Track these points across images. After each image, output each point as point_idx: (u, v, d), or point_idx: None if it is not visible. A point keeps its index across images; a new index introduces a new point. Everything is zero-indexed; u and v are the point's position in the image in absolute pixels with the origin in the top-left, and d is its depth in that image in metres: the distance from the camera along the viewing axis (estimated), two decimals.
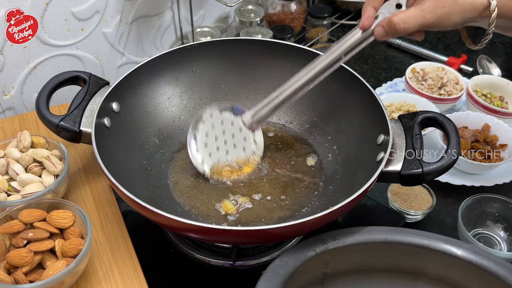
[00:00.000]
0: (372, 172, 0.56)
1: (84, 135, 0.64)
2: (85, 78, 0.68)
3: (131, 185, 0.59)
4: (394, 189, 0.78)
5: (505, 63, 1.14)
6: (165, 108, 0.76)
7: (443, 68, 1.01)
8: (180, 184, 0.70)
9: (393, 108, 0.92)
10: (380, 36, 0.57)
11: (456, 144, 0.60)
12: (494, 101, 0.96)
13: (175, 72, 0.76)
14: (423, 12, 0.54)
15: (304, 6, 1.13)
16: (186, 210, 0.66)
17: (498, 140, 0.86)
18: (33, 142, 0.67)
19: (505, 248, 0.74)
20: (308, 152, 0.75)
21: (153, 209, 0.51)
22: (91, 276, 0.59)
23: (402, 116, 0.64)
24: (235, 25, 1.04)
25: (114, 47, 0.93)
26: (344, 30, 1.25)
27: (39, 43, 0.82)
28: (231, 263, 0.64)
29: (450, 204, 0.80)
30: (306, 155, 0.74)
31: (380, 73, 1.12)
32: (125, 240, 0.64)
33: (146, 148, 0.71)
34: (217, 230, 0.51)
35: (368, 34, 0.59)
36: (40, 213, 0.58)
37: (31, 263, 0.54)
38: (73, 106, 0.65)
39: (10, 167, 0.64)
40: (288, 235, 0.61)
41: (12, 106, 0.85)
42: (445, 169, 0.58)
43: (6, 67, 0.80)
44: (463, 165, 0.82)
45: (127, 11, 0.91)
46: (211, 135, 0.69)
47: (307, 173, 0.72)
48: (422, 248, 0.57)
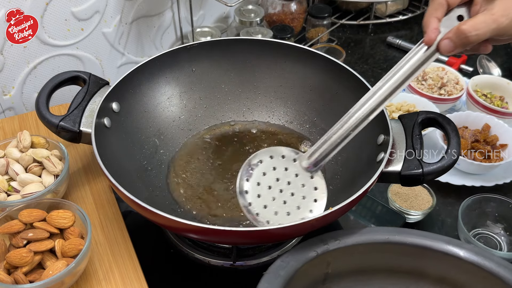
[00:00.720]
0: (372, 173, 0.56)
1: (84, 135, 0.64)
2: (85, 78, 0.68)
3: (131, 185, 0.59)
4: (394, 189, 0.78)
5: (505, 63, 1.14)
6: (165, 108, 0.76)
7: (443, 68, 1.01)
8: (180, 184, 0.70)
9: (393, 108, 0.92)
10: (448, 50, 0.51)
11: (456, 144, 0.59)
12: (494, 101, 0.96)
13: (175, 72, 0.76)
14: (494, 16, 0.49)
15: (304, 6, 1.13)
16: (186, 210, 0.66)
17: (498, 140, 0.86)
18: (33, 142, 0.67)
19: (505, 248, 0.74)
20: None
21: (153, 209, 0.51)
22: (91, 276, 0.59)
23: (402, 116, 0.64)
24: (235, 25, 1.04)
25: (114, 47, 0.93)
26: (344, 30, 1.25)
27: (39, 43, 0.82)
28: (231, 263, 0.64)
29: (450, 204, 0.80)
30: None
31: (380, 73, 1.12)
32: (125, 240, 0.64)
33: (146, 148, 0.71)
34: (217, 230, 0.51)
35: (432, 51, 0.53)
36: (40, 213, 0.58)
37: (31, 263, 0.54)
38: (73, 106, 0.65)
39: (10, 167, 0.64)
40: (288, 235, 0.61)
41: (12, 106, 0.85)
42: (445, 169, 0.58)
43: (6, 67, 0.80)
44: (463, 165, 0.82)
45: (127, 11, 0.91)
46: (264, 184, 0.59)
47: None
48: (424, 249, 0.56)
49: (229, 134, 0.78)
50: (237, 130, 0.78)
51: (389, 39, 1.20)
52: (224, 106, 0.80)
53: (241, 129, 0.79)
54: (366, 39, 1.23)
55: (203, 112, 0.79)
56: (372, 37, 1.24)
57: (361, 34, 1.25)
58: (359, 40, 1.23)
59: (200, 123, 0.78)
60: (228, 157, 0.74)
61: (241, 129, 0.79)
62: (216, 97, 0.79)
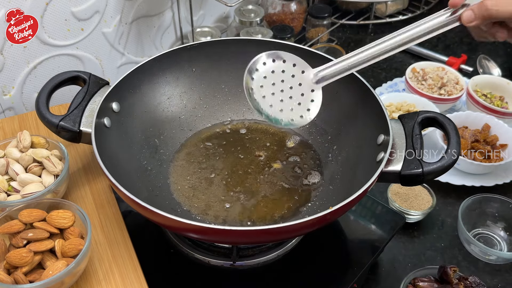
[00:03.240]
0: (372, 172, 0.56)
1: (84, 135, 0.64)
2: (85, 78, 0.68)
3: (131, 185, 0.59)
4: (394, 189, 0.78)
5: (505, 63, 1.14)
6: (165, 108, 0.76)
7: (443, 68, 1.01)
8: (180, 184, 0.70)
9: (393, 108, 0.92)
10: (468, 20, 0.56)
11: (456, 144, 0.59)
12: (494, 101, 0.96)
13: (175, 72, 0.76)
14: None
15: (304, 6, 1.13)
16: (186, 210, 0.66)
17: (498, 140, 0.86)
18: (33, 142, 0.67)
19: (505, 248, 0.74)
20: (309, 153, 0.75)
21: (153, 209, 0.51)
22: (91, 276, 0.59)
23: (402, 116, 0.64)
24: (235, 25, 1.04)
25: (114, 47, 0.93)
26: (344, 30, 1.25)
27: (39, 43, 0.82)
28: (231, 263, 0.64)
29: (450, 204, 0.81)
30: (306, 156, 0.74)
31: (380, 73, 1.12)
32: (125, 240, 0.64)
33: (146, 148, 0.71)
34: (217, 230, 0.51)
35: (453, 18, 0.57)
36: (40, 213, 0.58)
37: (31, 263, 0.54)
38: (73, 106, 0.65)
39: (10, 167, 0.64)
40: (288, 235, 0.61)
41: (12, 106, 0.85)
42: (445, 169, 0.58)
43: (6, 67, 0.80)
44: (463, 165, 0.82)
45: (127, 11, 0.91)
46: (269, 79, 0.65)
47: (307, 173, 0.72)
48: None
49: (229, 134, 0.78)
50: (237, 130, 0.78)
51: None
52: (224, 106, 0.80)
53: (241, 129, 0.79)
54: (366, 39, 1.24)
55: (203, 112, 0.79)
56: (372, 37, 1.25)
57: (361, 34, 1.25)
58: (359, 40, 1.23)
59: (200, 123, 0.78)
60: (228, 157, 0.74)
61: (241, 129, 0.79)
62: (216, 97, 0.79)
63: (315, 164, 0.73)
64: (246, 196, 0.68)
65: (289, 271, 0.65)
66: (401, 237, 0.78)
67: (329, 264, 0.66)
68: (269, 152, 0.75)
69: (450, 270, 0.67)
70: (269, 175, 0.71)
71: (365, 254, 0.67)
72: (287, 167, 0.73)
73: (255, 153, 0.75)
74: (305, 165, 0.73)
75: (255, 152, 0.75)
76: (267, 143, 0.76)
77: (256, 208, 0.67)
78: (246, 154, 0.74)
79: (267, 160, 0.73)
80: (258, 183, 0.70)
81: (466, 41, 1.22)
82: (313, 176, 0.71)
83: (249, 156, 0.74)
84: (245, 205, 0.67)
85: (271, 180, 0.71)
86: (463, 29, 0.61)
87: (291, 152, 0.75)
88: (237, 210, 0.66)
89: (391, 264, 0.75)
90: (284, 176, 0.71)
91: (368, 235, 0.70)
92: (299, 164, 0.73)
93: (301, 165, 0.73)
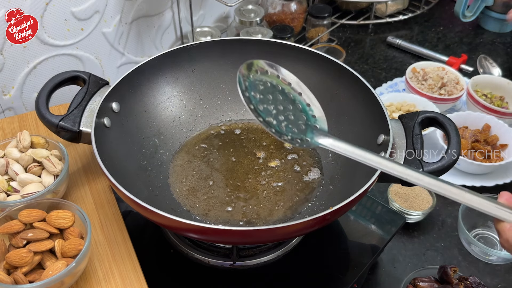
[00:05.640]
0: (372, 172, 0.56)
1: (84, 135, 0.64)
2: (85, 78, 0.68)
3: (131, 185, 0.59)
4: (394, 189, 0.78)
5: (505, 63, 1.14)
6: (165, 108, 0.76)
7: (443, 68, 1.01)
8: (180, 184, 0.70)
9: (393, 108, 0.92)
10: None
11: (457, 144, 0.59)
12: (494, 101, 0.96)
13: (175, 72, 0.76)
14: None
15: (304, 6, 1.13)
16: (186, 210, 0.66)
17: (498, 140, 0.86)
18: (32, 142, 0.67)
19: None
20: (308, 152, 0.75)
21: (153, 209, 0.51)
22: (91, 276, 0.59)
23: (403, 116, 0.64)
24: (235, 25, 1.04)
25: (114, 47, 0.93)
26: (344, 30, 1.25)
27: (39, 43, 0.82)
28: (231, 263, 0.64)
29: (450, 204, 0.80)
30: (306, 155, 0.74)
31: (380, 73, 1.12)
32: (125, 240, 0.64)
33: (146, 148, 0.71)
34: (217, 230, 0.51)
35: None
36: (40, 213, 0.58)
37: (31, 263, 0.54)
38: (72, 106, 0.65)
39: (9, 167, 0.64)
40: (288, 235, 0.61)
41: (11, 106, 0.85)
42: (445, 169, 0.58)
43: (6, 67, 0.80)
44: (463, 165, 0.82)
45: (127, 11, 0.91)
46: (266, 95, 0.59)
47: (307, 173, 0.72)
48: None
49: (229, 134, 0.78)
50: (237, 130, 0.78)
51: (389, 39, 1.21)
52: (224, 106, 0.80)
53: (241, 129, 0.79)
54: (366, 39, 1.24)
55: (203, 112, 0.79)
56: (372, 37, 1.25)
57: (361, 34, 1.25)
58: (359, 40, 1.23)
59: (200, 123, 0.78)
60: (228, 157, 0.74)
61: (241, 129, 0.79)
62: (216, 97, 0.79)
63: (314, 161, 0.73)
64: (246, 196, 0.68)
65: (289, 271, 0.65)
66: (401, 237, 0.78)
67: (329, 264, 0.66)
68: (268, 151, 0.75)
69: (450, 270, 0.67)
70: (269, 174, 0.71)
71: (365, 254, 0.67)
72: (286, 165, 0.73)
73: (254, 152, 0.75)
74: (304, 162, 0.73)
75: (255, 151, 0.75)
76: (266, 143, 0.76)
77: (256, 208, 0.67)
78: (246, 154, 0.74)
79: (267, 159, 0.73)
80: (258, 183, 0.70)
81: (466, 41, 1.22)
82: (313, 173, 0.71)
83: (249, 156, 0.74)
84: (245, 205, 0.67)
85: (271, 179, 0.71)
86: (463, 29, 0.61)
87: (289, 151, 0.75)
88: (237, 210, 0.66)
89: (391, 264, 0.75)
90: (284, 174, 0.71)
91: (368, 235, 0.70)
92: (298, 161, 0.73)
93: (300, 162, 0.73)
